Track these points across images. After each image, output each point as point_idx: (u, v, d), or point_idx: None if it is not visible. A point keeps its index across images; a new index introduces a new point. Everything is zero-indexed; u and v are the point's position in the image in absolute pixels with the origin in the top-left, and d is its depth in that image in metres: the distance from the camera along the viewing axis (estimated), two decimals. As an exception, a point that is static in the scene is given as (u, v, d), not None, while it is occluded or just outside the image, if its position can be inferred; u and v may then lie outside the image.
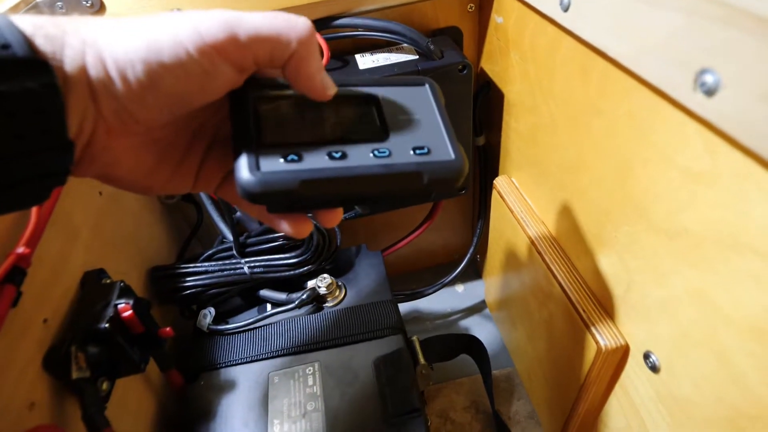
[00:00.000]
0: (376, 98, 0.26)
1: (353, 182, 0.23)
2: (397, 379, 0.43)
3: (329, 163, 0.23)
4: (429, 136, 0.25)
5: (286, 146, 0.23)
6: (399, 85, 0.27)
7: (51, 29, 0.19)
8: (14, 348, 0.29)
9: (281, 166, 0.22)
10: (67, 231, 0.38)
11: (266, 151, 0.22)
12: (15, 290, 0.29)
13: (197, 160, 0.27)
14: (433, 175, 0.24)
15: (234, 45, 0.21)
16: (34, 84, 0.18)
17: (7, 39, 0.18)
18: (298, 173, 0.22)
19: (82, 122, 0.20)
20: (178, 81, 0.21)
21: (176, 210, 0.62)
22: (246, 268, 0.50)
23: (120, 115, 0.21)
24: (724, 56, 0.21)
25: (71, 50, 0.19)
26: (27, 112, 0.18)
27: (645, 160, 0.31)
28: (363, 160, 0.23)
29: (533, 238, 0.49)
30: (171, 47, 0.20)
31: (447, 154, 0.24)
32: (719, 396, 0.29)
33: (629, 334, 0.38)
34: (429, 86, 0.27)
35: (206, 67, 0.21)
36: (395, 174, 0.23)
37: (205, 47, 0.20)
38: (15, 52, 0.18)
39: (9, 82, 0.18)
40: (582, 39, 0.33)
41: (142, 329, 0.37)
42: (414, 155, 0.24)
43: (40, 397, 0.31)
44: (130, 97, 0.20)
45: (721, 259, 0.26)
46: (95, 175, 0.23)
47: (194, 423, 0.43)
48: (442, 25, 0.54)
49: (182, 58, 0.20)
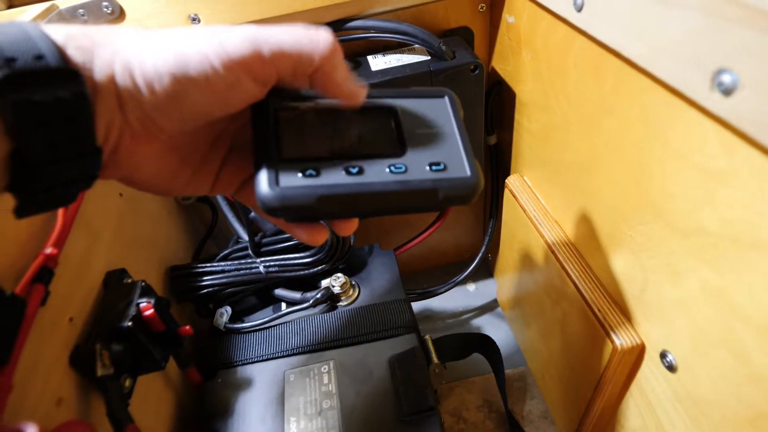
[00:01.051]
0: (395, 111, 0.26)
1: (369, 198, 0.23)
2: (412, 377, 0.44)
3: (346, 179, 0.23)
4: (446, 151, 0.25)
5: (305, 160, 0.24)
6: (419, 97, 0.27)
7: (82, 40, 0.20)
8: (43, 345, 0.30)
9: (299, 181, 0.23)
10: (90, 232, 0.39)
11: (285, 166, 0.23)
12: (44, 289, 0.29)
13: (217, 164, 0.27)
14: (448, 191, 0.24)
15: (258, 61, 0.21)
16: (66, 93, 0.19)
17: (40, 49, 0.18)
18: (316, 189, 0.23)
19: (109, 129, 0.21)
20: (202, 94, 0.21)
21: (192, 211, 0.63)
22: (261, 268, 0.51)
23: (145, 123, 0.22)
24: (742, 56, 0.21)
25: (101, 60, 0.20)
26: (59, 120, 0.19)
27: (660, 159, 0.31)
28: (379, 176, 0.24)
29: (546, 237, 0.49)
30: (197, 61, 0.20)
31: (463, 170, 0.25)
32: (738, 396, 0.29)
33: (645, 333, 0.38)
34: (448, 98, 0.27)
35: (230, 81, 0.21)
36: (411, 191, 0.24)
37: (230, 62, 0.21)
38: (48, 63, 0.18)
39: (42, 91, 0.18)
40: (595, 39, 0.33)
41: (163, 328, 0.37)
42: (430, 171, 0.24)
43: (67, 394, 0.31)
44: (156, 107, 0.21)
45: (739, 258, 0.26)
46: (119, 178, 0.24)
47: (212, 419, 0.44)
48: (453, 26, 0.54)
49: (208, 72, 0.21)
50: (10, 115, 0.18)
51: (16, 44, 0.18)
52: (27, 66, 0.18)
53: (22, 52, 0.18)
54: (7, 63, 0.18)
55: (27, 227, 0.32)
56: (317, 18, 0.47)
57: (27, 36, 0.19)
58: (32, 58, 0.18)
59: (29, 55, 0.18)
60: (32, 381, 0.29)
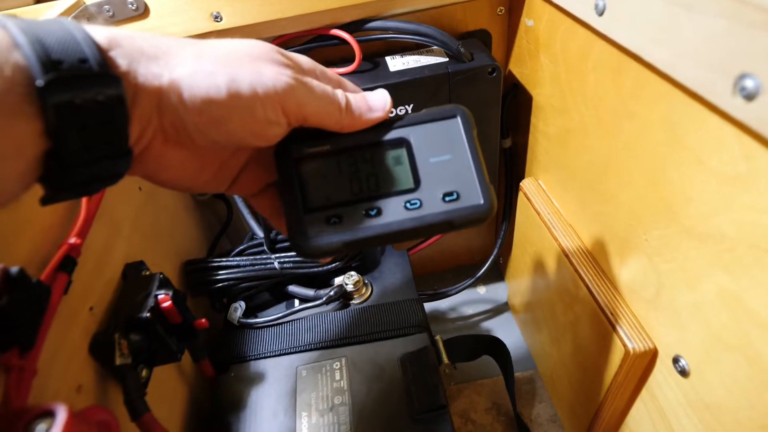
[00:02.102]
0: (408, 142, 0.27)
1: (388, 236, 0.26)
2: (424, 376, 0.44)
3: (366, 222, 0.26)
4: (459, 178, 0.26)
5: (328, 208, 0.26)
6: (431, 121, 0.28)
7: (128, 47, 0.20)
8: (65, 333, 0.31)
9: (325, 230, 0.26)
10: (111, 224, 0.40)
11: (311, 217, 0.26)
12: (67, 278, 0.30)
13: (236, 171, 0.28)
14: (462, 220, 0.26)
15: (299, 116, 0.24)
16: (105, 97, 0.19)
17: (85, 53, 0.19)
18: (341, 236, 0.25)
19: (143, 132, 0.22)
20: (244, 124, 0.23)
21: (208, 206, 0.64)
22: (276, 263, 0.52)
23: (179, 131, 0.23)
24: (766, 61, 0.21)
25: (148, 72, 0.21)
26: (97, 123, 0.19)
27: (678, 163, 0.31)
28: (396, 214, 0.26)
29: (560, 241, 0.49)
30: (249, 94, 0.22)
31: (477, 197, 0.26)
32: (752, 402, 0.29)
33: (658, 338, 0.38)
34: (461, 117, 0.28)
35: (271, 117, 0.23)
36: (426, 225, 0.26)
37: (276, 108, 0.23)
38: (91, 67, 0.19)
39: (84, 95, 0.19)
40: (616, 43, 0.33)
41: (180, 320, 0.38)
42: (444, 203, 0.26)
43: (86, 381, 0.32)
44: (195, 126, 0.22)
45: (756, 263, 0.26)
46: (142, 175, 0.25)
47: (225, 413, 0.45)
48: (472, 28, 0.55)
49: (255, 106, 0.22)
50: (53, 117, 0.18)
51: (62, 46, 0.19)
52: (72, 70, 0.18)
53: (67, 54, 0.18)
54: (54, 66, 0.18)
55: (51, 216, 0.32)
56: (338, 18, 0.48)
57: (72, 38, 0.19)
58: (77, 62, 0.19)
59: (74, 58, 0.19)
60: (54, 367, 0.29)
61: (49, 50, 0.18)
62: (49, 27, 0.19)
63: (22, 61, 0.17)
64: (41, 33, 0.18)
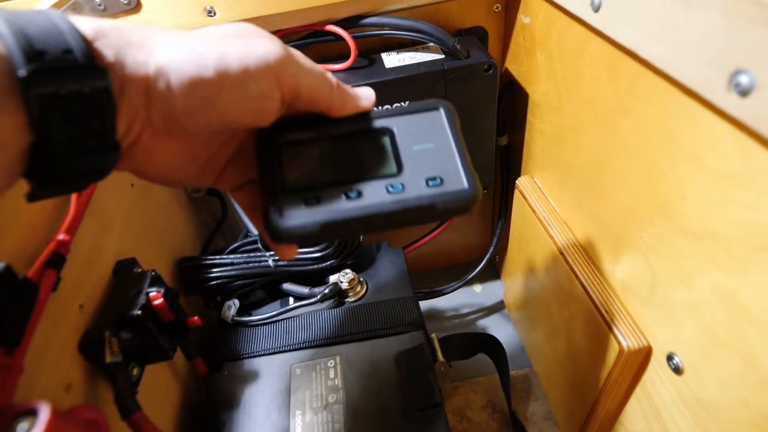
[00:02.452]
0: (391, 131, 0.27)
1: (368, 220, 0.25)
2: (418, 374, 0.44)
3: (346, 204, 0.25)
4: (442, 165, 0.26)
5: (307, 189, 0.25)
6: (413, 113, 0.28)
7: (114, 38, 0.20)
8: (53, 331, 0.31)
9: (302, 211, 0.24)
10: (102, 221, 0.39)
11: (289, 197, 0.25)
12: (56, 275, 0.30)
13: (222, 163, 0.28)
14: (446, 205, 0.25)
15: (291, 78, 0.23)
16: (91, 89, 0.19)
17: (69, 43, 0.18)
18: (318, 217, 0.24)
19: (130, 125, 0.21)
20: (235, 102, 0.22)
21: (202, 204, 0.64)
22: (270, 261, 0.51)
23: (168, 123, 0.22)
24: (760, 57, 0.21)
25: (134, 61, 0.20)
26: (83, 115, 0.19)
27: (673, 161, 0.31)
28: (377, 197, 0.25)
29: (556, 239, 0.49)
30: (239, 70, 0.22)
31: (460, 182, 0.25)
32: (746, 399, 0.29)
33: (652, 336, 0.38)
34: (443, 109, 0.28)
35: (264, 91, 0.23)
36: (409, 209, 0.25)
37: (270, 72, 0.22)
38: (76, 58, 0.18)
39: (68, 86, 0.18)
40: (612, 39, 0.33)
41: (172, 318, 0.38)
42: (427, 187, 0.25)
43: (75, 380, 0.32)
44: (185, 112, 0.22)
45: (751, 261, 0.26)
46: (131, 170, 0.25)
47: (218, 411, 0.44)
48: (468, 25, 0.54)
49: (247, 81, 0.22)
50: (36, 108, 0.18)
51: (46, 37, 0.18)
52: (56, 60, 0.18)
53: (51, 45, 0.18)
54: (36, 56, 0.18)
55: (40, 212, 0.32)
56: (333, 13, 0.48)
57: (56, 28, 0.19)
58: (61, 52, 0.18)
59: (58, 49, 0.18)
60: (42, 365, 0.29)
61: (32, 40, 0.18)
62: (32, 17, 0.18)
63: (3, 51, 0.17)
64: (24, 23, 0.18)
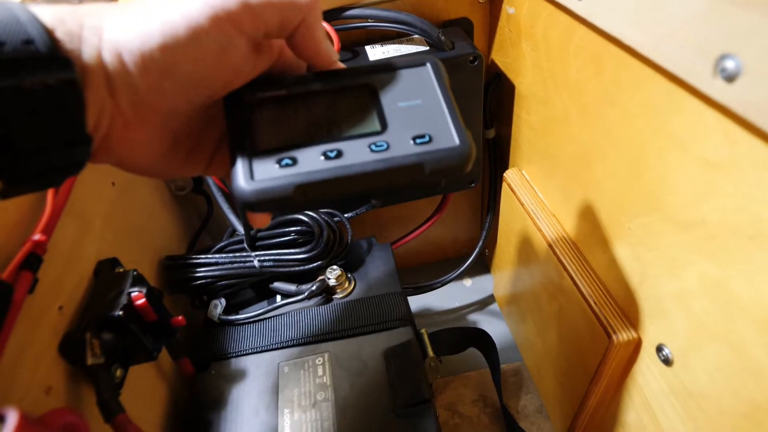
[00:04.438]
0: (373, 86, 0.25)
1: (350, 181, 0.22)
2: (407, 370, 0.43)
3: (324, 164, 0.22)
4: (431, 122, 0.24)
5: (281, 150, 0.23)
6: (398, 68, 0.26)
7: (71, 24, 0.19)
8: (31, 334, 0.30)
9: (275, 172, 0.22)
10: (81, 220, 0.38)
11: (260, 158, 0.22)
12: (32, 276, 0.29)
13: (210, 147, 0.27)
14: (436, 164, 0.23)
15: (248, 13, 0.21)
16: (55, 80, 0.18)
17: (29, 34, 0.18)
18: (293, 178, 0.22)
19: (100, 117, 0.21)
20: (195, 62, 0.21)
21: (187, 202, 0.63)
22: (256, 262, 0.51)
23: (137, 108, 0.21)
24: (746, 41, 0.20)
25: (88, 46, 0.19)
26: (48, 108, 0.18)
27: (660, 150, 0.30)
28: (359, 156, 0.23)
29: (544, 232, 0.49)
30: (185, 25, 0.20)
31: (451, 140, 0.23)
32: (735, 389, 0.29)
33: (642, 327, 0.38)
34: (431, 65, 0.26)
35: (222, 42, 0.21)
36: (394, 168, 0.22)
37: (219, 20, 0.20)
38: (38, 48, 0.18)
39: (31, 78, 0.17)
40: (597, 27, 0.33)
41: (155, 318, 0.37)
42: (414, 145, 0.23)
43: (56, 382, 0.31)
44: (149, 88, 0.21)
45: (739, 250, 0.26)
46: (112, 163, 0.24)
47: (205, 411, 0.44)
48: (453, 17, 0.54)
49: (199, 36, 0.20)
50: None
51: (4, 27, 0.17)
52: (15, 51, 0.17)
53: (9, 36, 0.17)
54: None
55: (15, 212, 0.31)
56: (315, 6, 0.47)
57: (15, 18, 0.18)
58: (21, 43, 0.17)
59: (18, 39, 0.17)
60: (20, 369, 0.28)
61: None
62: None
63: None
64: None
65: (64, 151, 0.19)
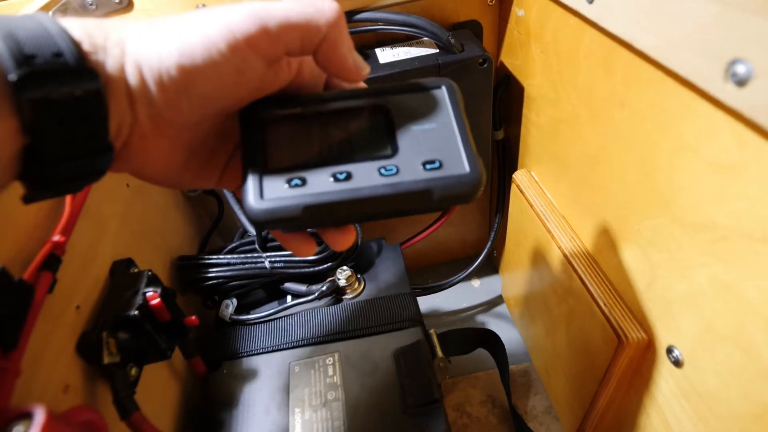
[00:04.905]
0: (386, 108, 0.25)
1: (358, 204, 0.23)
2: (417, 370, 0.44)
3: (333, 186, 0.22)
4: (442, 147, 0.24)
5: (291, 170, 0.23)
6: (413, 91, 0.26)
7: (97, 37, 0.20)
8: (50, 333, 0.30)
9: (285, 192, 0.22)
10: (97, 222, 0.39)
11: (271, 177, 0.23)
12: (52, 277, 0.30)
13: (223, 160, 0.27)
14: (444, 191, 0.23)
15: (266, 36, 0.21)
16: (83, 92, 0.18)
17: (59, 46, 0.18)
18: (301, 199, 0.22)
19: (120, 127, 0.21)
20: (212, 82, 0.21)
21: (198, 203, 0.63)
22: (267, 263, 0.51)
23: (154, 121, 0.22)
24: (757, 46, 0.21)
25: (112, 59, 0.20)
26: (75, 118, 0.19)
27: (670, 152, 0.31)
28: (368, 180, 0.23)
29: (553, 233, 0.49)
30: (202, 47, 0.20)
31: (461, 167, 0.23)
32: (745, 391, 0.29)
33: (651, 329, 0.38)
34: (446, 88, 0.26)
35: (237, 63, 0.21)
36: (402, 193, 0.23)
37: (236, 42, 0.20)
38: (67, 61, 0.18)
39: (60, 90, 0.18)
40: (607, 31, 0.33)
41: (169, 317, 0.38)
42: (424, 171, 0.23)
43: (73, 381, 0.32)
44: (166, 103, 0.21)
45: (749, 252, 0.26)
46: (129, 171, 0.24)
47: (217, 410, 0.44)
48: (462, 19, 0.54)
49: (214, 57, 0.20)
50: (28, 113, 0.17)
51: (35, 40, 0.18)
52: (46, 64, 0.18)
53: (41, 49, 0.18)
54: (26, 60, 0.17)
55: (35, 214, 0.32)
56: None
57: (46, 32, 0.18)
58: (51, 56, 0.18)
59: (48, 52, 0.18)
60: (39, 367, 0.29)
61: (21, 45, 0.18)
62: (21, 22, 0.18)
63: None
64: (13, 28, 0.18)
65: (88, 159, 0.20)
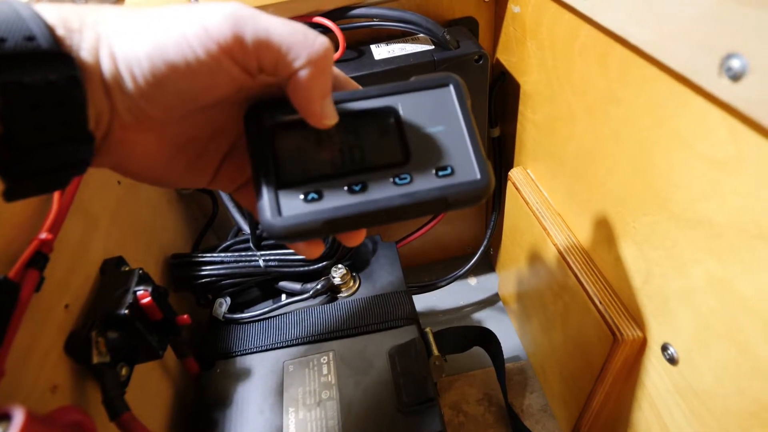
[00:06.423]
0: (396, 111, 0.25)
1: (375, 215, 0.23)
2: (412, 368, 0.44)
3: (350, 199, 0.23)
4: (453, 152, 0.24)
5: (306, 183, 0.23)
6: (421, 90, 0.25)
7: (73, 22, 0.19)
8: (37, 332, 0.30)
9: (302, 207, 0.22)
10: (87, 219, 0.38)
11: (286, 192, 0.23)
12: (38, 275, 0.29)
13: (216, 160, 0.27)
14: (457, 197, 0.23)
15: (239, 47, 0.20)
16: (57, 76, 0.18)
17: (31, 30, 0.18)
18: (320, 214, 0.22)
19: (98, 116, 0.21)
20: (184, 79, 0.20)
21: (192, 201, 0.63)
22: (261, 261, 0.51)
23: (132, 112, 0.21)
24: (752, 40, 0.20)
25: (87, 45, 0.19)
26: (49, 104, 0.18)
27: (665, 148, 0.30)
28: (384, 190, 0.23)
29: (549, 230, 0.49)
30: (176, 46, 0.20)
31: (472, 172, 0.23)
32: (741, 388, 0.29)
33: (647, 326, 0.37)
34: (453, 86, 0.25)
35: (212, 66, 0.20)
36: (418, 203, 0.23)
37: (210, 46, 0.20)
38: (39, 44, 0.18)
39: (33, 74, 0.18)
40: (602, 26, 0.33)
41: (161, 316, 0.37)
42: (437, 178, 0.23)
43: (62, 381, 0.31)
44: (140, 94, 0.20)
45: (745, 248, 0.26)
46: (111, 167, 0.24)
47: (210, 410, 0.44)
48: (458, 16, 0.54)
49: (188, 57, 0.20)
50: (0, 96, 0.17)
51: (6, 24, 0.18)
52: (17, 47, 0.17)
53: (12, 32, 0.18)
54: None
55: (22, 211, 0.31)
56: (321, 5, 0.47)
57: (17, 15, 0.18)
58: (22, 39, 0.18)
59: (19, 36, 0.18)
60: (26, 367, 0.28)
61: None
62: None
63: None
64: None
65: (66, 147, 0.19)
